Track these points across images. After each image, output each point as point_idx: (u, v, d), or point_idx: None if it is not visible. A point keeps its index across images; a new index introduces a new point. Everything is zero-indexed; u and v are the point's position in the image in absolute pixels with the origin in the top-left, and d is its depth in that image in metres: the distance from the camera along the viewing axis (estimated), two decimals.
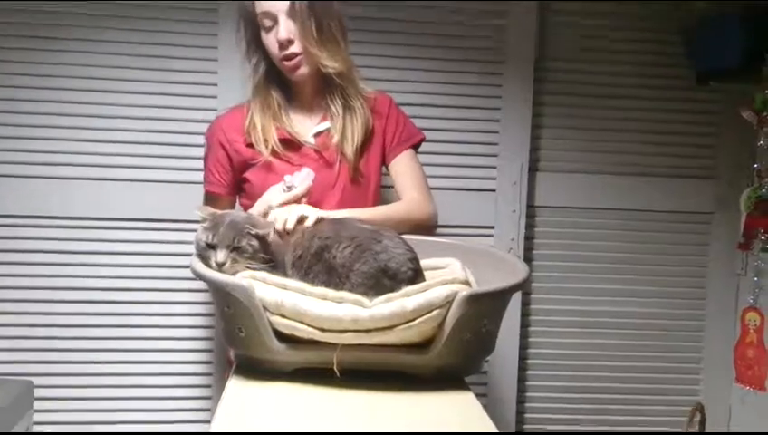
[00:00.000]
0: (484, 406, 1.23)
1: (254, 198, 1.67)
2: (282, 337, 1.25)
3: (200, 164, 2.07)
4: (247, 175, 1.70)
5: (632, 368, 2.31)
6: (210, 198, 1.74)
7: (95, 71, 2.07)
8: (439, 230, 1.77)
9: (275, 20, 1.64)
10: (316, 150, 1.70)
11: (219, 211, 1.40)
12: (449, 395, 1.27)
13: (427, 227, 1.69)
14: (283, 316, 1.23)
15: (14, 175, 2.06)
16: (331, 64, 1.66)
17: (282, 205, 1.56)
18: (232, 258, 1.31)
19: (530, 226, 2.24)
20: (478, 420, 1.19)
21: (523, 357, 2.27)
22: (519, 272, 1.40)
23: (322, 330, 1.21)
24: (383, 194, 1.78)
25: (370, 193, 1.74)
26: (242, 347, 1.30)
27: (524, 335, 2.27)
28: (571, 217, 2.27)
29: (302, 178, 1.61)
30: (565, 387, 2.30)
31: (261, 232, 1.35)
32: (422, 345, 1.25)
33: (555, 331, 2.30)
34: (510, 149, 2.20)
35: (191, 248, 1.38)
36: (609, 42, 2.25)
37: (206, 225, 1.35)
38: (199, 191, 2.04)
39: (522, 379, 2.28)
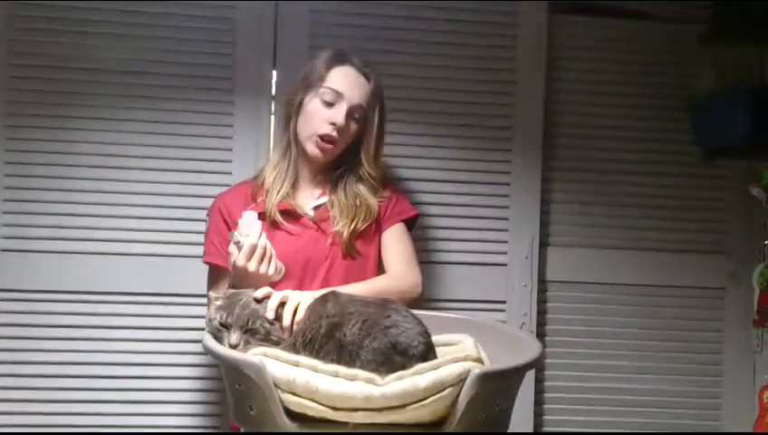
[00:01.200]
0: None
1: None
2: (293, 416, 1.23)
3: None
4: None
5: None
6: (213, 270, 1.76)
7: (108, 148, 2.10)
8: (450, 305, 1.77)
9: (336, 100, 1.70)
10: (314, 222, 1.74)
11: (231, 290, 1.40)
12: None
13: (409, 297, 1.70)
14: (295, 394, 1.22)
15: (24, 250, 2.08)
16: (375, 171, 1.77)
17: (245, 262, 1.53)
18: (245, 340, 1.32)
19: (541, 300, 2.23)
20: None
21: (537, 433, 2.23)
22: (532, 349, 1.39)
23: (334, 408, 1.20)
24: None
25: (369, 267, 1.76)
26: (252, 425, 1.28)
27: (539, 413, 2.23)
28: (583, 292, 2.26)
29: (249, 224, 1.57)
30: None
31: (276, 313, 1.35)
32: (435, 425, 1.23)
33: (570, 408, 2.26)
34: (520, 223, 2.21)
35: (202, 323, 1.38)
36: (616, 118, 2.28)
37: (219, 303, 1.36)
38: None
39: None
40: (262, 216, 1.69)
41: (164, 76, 2.12)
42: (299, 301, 1.42)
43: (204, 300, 1.64)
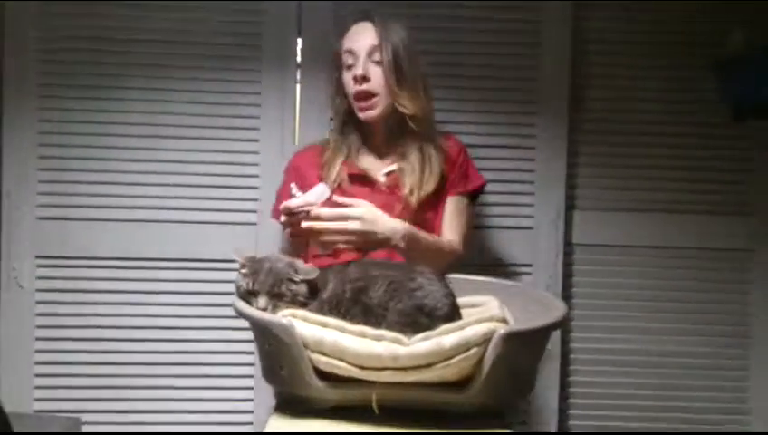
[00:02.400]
0: None
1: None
2: (322, 375, 1.27)
3: (244, 205, 2.15)
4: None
5: (675, 407, 2.27)
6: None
7: (140, 117, 2.14)
8: (477, 269, 1.78)
9: (356, 58, 1.74)
10: (387, 187, 1.77)
11: (258, 256, 1.43)
12: (488, 433, 1.28)
13: (448, 265, 1.72)
14: (323, 354, 1.26)
15: (63, 217, 2.13)
16: (408, 105, 1.74)
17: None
18: (273, 304, 1.35)
19: (567, 264, 2.24)
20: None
21: (563, 397, 2.25)
22: (557, 310, 1.41)
23: (362, 368, 1.24)
24: None
25: (435, 231, 1.79)
26: (282, 384, 1.33)
27: (564, 374, 2.26)
28: (609, 255, 2.26)
29: (317, 194, 1.57)
30: (606, 426, 2.27)
31: (305, 278, 1.38)
32: (460, 384, 1.26)
33: (595, 369, 2.27)
34: (546, 186, 2.22)
35: (233, 287, 1.42)
36: (643, 79, 2.25)
37: (245, 271, 1.39)
38: (246, 232, 2.10)
39: (562, 419, 2.25)
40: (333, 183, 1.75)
41: (193, 45, 2.15)
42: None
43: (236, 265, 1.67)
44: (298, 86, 2.18)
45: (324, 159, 1.82)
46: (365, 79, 1.73)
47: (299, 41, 2.17)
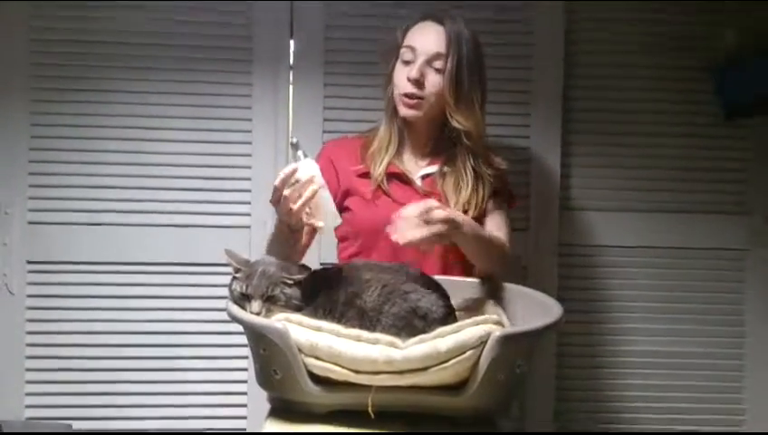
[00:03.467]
0: None
1: (353, 225, 1.69)
2: (316, 379, 1.26)
3: (237, 209, 2.14)
4: (348, 203, 1.73)
5: (671, 408, 2.27)
6: None
7: (131, 120, 2.13)
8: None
9: (415, 57, 1.68)
10: (424, 192, 1.71)
11: (250, 259, 1.42)
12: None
13: (503, 269, 1.68)
14: (318, 358, 1.25)
15: (54, 222, 2.12)
16: (462, 122, 1.69)
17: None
18: (266, 308, 1.34)
19: (563, 265, 2.24)
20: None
21: (559, 398, 2.25)
22: (553, 312, 1.40)
23: (357, 371, 1.23)
24: None
25: None
26: (277, 389, 1.32)
27: (560, 376, 2.25)
28: (605, 256, 2.26)
29: (307, 168, 1.45)
30: (602, 427, 2.27)
31: (297, 277, 1.36)
32: (456, 387, 1.25)
33: (591, 371, 2.27)
34: (540, 187, 2.21)
35: (226, 291, 1.41)
36: (637, 79, 2.25)
37: (238, 275, 1.38)
38: (238, 235, 2.08)
39: (558, 419, 2.25)
40: (367, 175, 1.72)
41: (184, 47, 2.14)
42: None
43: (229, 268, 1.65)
44: (291, 88, 2.17)
45: (370, 151, 1.75)
46: (418, 83, 1.68)
47: (291, 42, 2.16)
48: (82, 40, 2.11)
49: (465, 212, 1.68)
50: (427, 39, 1.69)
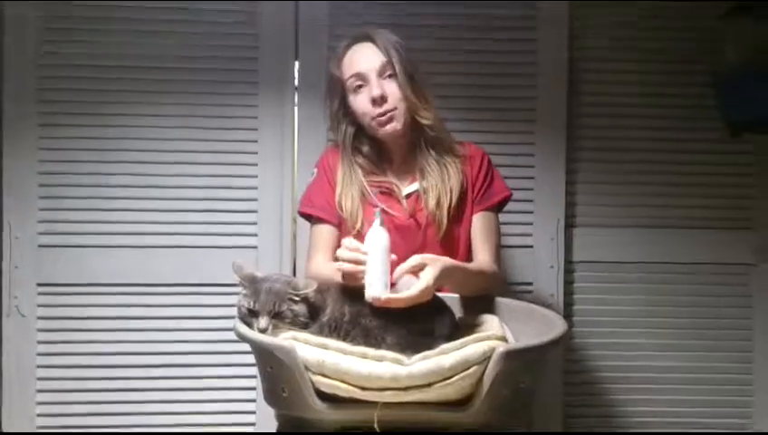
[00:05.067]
0: None
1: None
2: (323, 396, 1.27)
3: (245, 229, 2.16)
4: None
5: (678, 423, 2.26)
6: (315, 224, 1.76)
7: (138, 143, 2.16)
8: None
9: (366, 80, 1.69)
10: (409, 214, 1.72)
11: (258, 275, 1.43)
12: None
13: (491, 288, 1.68)
14: (325, 376, 1.26)
15: (64, 245, 2.14)
16: (426, 115, 1.71)
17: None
18: (273, 324, 1.35)
19: (568, 281, 2.24)
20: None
21: (567, 414, 2.25)
22: (557, 327, 1.41)
23: (363, 388, 1.24)
24: None
25: (460, 249, 1.74)
26: (285, 407, 1.33)
27: (568, 393, 2.25)
28: (610, 272, 2.26)
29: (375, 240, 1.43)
30: None
31: (303, 293, 1.38)
32: (461, 402, 1.26)
33: (598, 386, 2.27)
34: (545, 204, 2.23)
35: (234, 311, 1.43)
36: (641, 96, 2.27)
37: (246, 292, 1.39)
38: (245, 256, 2.13)
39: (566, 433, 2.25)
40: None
41: (190, 71, 2.17)
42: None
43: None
44: (296, 109, 2.19)
45: (337, 193, 1.73)
46: (383, 99, 1.68)
47: (296, 64, 2.19)
48: (90, 65, 2.15)
49: (439, 203, 1.69)
50: (365, 57, 1.70)
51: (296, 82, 2.20)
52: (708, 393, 2.28)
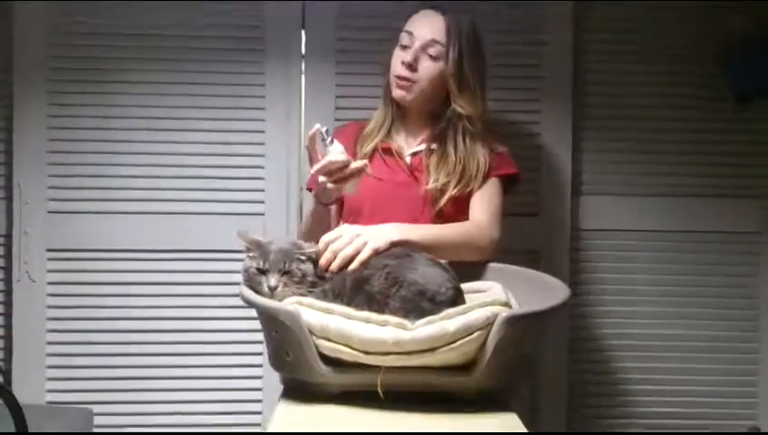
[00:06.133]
0: (534, 428, 1.24)
1: (345, 203, 1.77)
2: (327, 360, 1.29)
3: (252, 196, 2.17)
4: None
5: (684, 392, 2.28)
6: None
7: (146, 111, 2.17)
8: None
9: (412, 42, 1.74)
10: (409, 169, 1.77)
11: (262, 240, 1.44)
12: (493, 416, 1.29)
13: (483, 251, 1.66)
14: (329, 340, 1.27)
15: (73, 211, 2.16)
16: (465, 107, 1.74)
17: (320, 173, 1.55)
18: (283, 282, 1.37)
19: (574, 249, 2.25)
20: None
21: (572, 381, 2.26)
22: (559, 293, 1.42)
23: (366, 353, 1.25)
24: None
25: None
26: (289, 370, 1.34)
27: (573, 360, 2.26)
28: (616, 240, 2.26)
29: (337, 149, 1.57)
30: (615, 411, 2.28)
31: (309, 252, 1.41)
32: (465, 367, 1.28)
33: (604, 354, 2.28)
34: (551, 172, 2.22)
35: (239, 277, 1.44)
36: (647, 63, 2.25)
37: (253, 254, 1.41)
38: (253, 222, 2.14)
39: (571, 406, 2.26)
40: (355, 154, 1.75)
41: (197, 38, 2.16)
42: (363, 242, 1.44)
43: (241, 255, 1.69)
44: (303, 77, 2.19)
45: (364, 132, 1.83)
46: (411, 67, 1.73)
47: (303, 32, 2.18)
48: (100, 33, 2.15)
49: (443, 191, 1.71)
50: (424, 26, 1.74)
51: (303, 51, 2.19)
52: (714, 362, 2.28)
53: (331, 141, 1.56)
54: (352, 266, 1.42)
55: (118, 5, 2.14)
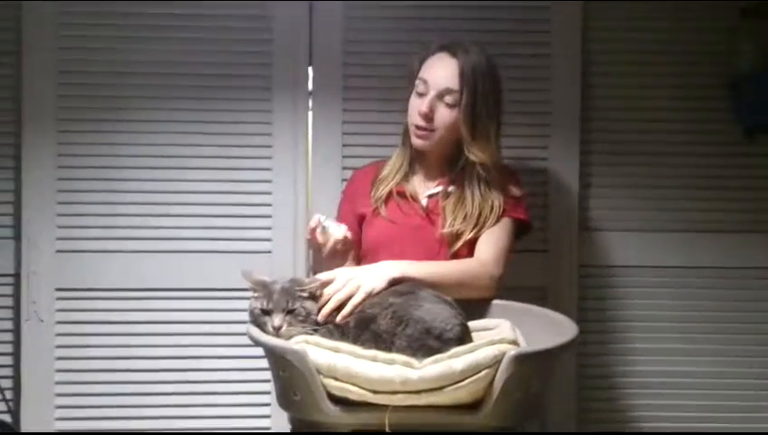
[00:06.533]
0: None
1: (363, 250, 1.77)
2: (335, 400, 1.28)
3: (259, 234, 2.19)
4: (363, 227, 1.80)
5: (697, 429, 2.24)
6: None
7: (154, 149, 2.18)
8: None
9: (427, 91, 1.71)
10: (425, 211, 1.76)
11: (267, 279, 1.45)
12: None
13: (484, 288, 1.65)
14: (336, 379, 1.27)
15: (82, 250, 2.17)
16: (478, 155, 1.71)
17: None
18: (287, 322, 1.37)
19: (583, 286, 2.23)
20: None
21: (581, 419, 2.24)
22: (568, 331, 1.41)
23: (374, 392, 1.25)
24: None
25: None
26: (297, 410, 1.34)
27: (582, 397, 2.24)
28: (625, 277, 2.25)
29: (336, 226, 1.66)
30: None
31: (309, 288, 1.42)
32: (473, 406, 1.27)
33: (612, 392, 2.26)
34: (559, 208, 2.22)
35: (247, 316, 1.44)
36: (655, 98, 2.25)
37: (258, 294, 1.42)
38: (260, 260, 2.14)
39: None
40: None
41: (205, 77, 2.18)
42: (357, 286, 1.46)
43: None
44: (310, 114, 2.21)
45: (381, 175, 1.82)
46: (428, 117, 1.70)
47: (310, 69, 2.20)
48: (108, 71, 2.17)
49: (459, 235, 1.69)
50: (439, 73, 1.71)
51: (310, 87, 2.21)
52: (726, 399, 2.25)
53: (327, 223, 1.65)
54: (344, 312, 1.43)
55: (128, 42, 2.17)
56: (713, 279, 2.26)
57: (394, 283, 1.47)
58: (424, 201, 1.78)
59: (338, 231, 1.63)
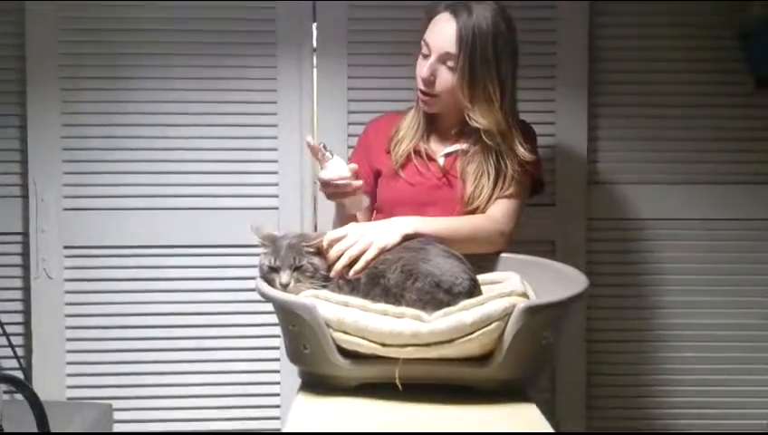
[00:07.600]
0: (554, 420, 1.23)
1: (378, 200, 1.76)
2: (345, 353, 1.28)
3: (265, 191, 2.17)
4: (379, 181, 1.78)
5: (704, 381, 2.26)
6: None
7: (159, 106, 2.18)
8: None
9: (429, 53, 1.65)
10: (442, 170, 1.72)
11: (276, 234, 1.45)
12: (511, 407, 1.28)
13: (493, 243, 1.64)
14: (346, 333, 1.27)
15: (89, 208, 2.17)
16: (479, 120, 1.65)
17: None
18: (295, 278, 1.37)
19: (590, 238, 2.23)
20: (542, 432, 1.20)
21: (590, 372, 2.25)
22: (578, 283, 1.41)
23: (384, 345, 1.25)
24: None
25: None
26: (307, 364, 1.34)
27: (591, 350, 2.25)
28: (632, 229, 2.25)
29: (336, 164, 1.62)
30: (633, 402, 2.27)
31: (316, 243, 1.41)
32: (483, 358, 1.27)
33: (622, 343, 2.27)
34: (567, 162, 2.21)
35: (256, 271, 1.44)
36: (664, 50, 2.23)
37: (266, 250, 1.41)
38: (267, 216, 2.15)
39: (589, 394, 2.25)
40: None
41: (210, 33, 2.17)
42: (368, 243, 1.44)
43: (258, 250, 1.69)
44: (315, 71, 2.19)
45: (399, 135, 1.75)
46: (429, 82, 1.65)
47: (314, 25, 2.18)
48: (111, 29, 2.15)
49: (472, 201, 1.66)
50: (439, 36, 1.63)
51: (314, 44, 2.18)
52: (734, 350, 2.26)
53: (331, 155, 1.61)
54: (357, 267, 1.42)
55: (131, 2, 2.14)
56: (721, 231, 2.25)
57: (406, 238, 1.46)
58: (441, 160, 1.74)
59: (335, 166, 1.59)
